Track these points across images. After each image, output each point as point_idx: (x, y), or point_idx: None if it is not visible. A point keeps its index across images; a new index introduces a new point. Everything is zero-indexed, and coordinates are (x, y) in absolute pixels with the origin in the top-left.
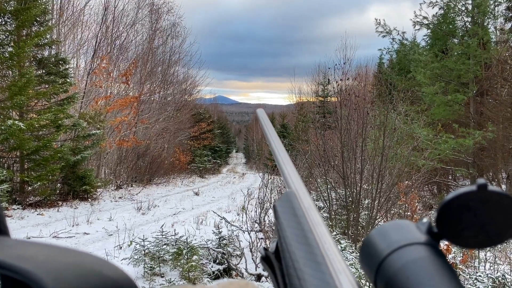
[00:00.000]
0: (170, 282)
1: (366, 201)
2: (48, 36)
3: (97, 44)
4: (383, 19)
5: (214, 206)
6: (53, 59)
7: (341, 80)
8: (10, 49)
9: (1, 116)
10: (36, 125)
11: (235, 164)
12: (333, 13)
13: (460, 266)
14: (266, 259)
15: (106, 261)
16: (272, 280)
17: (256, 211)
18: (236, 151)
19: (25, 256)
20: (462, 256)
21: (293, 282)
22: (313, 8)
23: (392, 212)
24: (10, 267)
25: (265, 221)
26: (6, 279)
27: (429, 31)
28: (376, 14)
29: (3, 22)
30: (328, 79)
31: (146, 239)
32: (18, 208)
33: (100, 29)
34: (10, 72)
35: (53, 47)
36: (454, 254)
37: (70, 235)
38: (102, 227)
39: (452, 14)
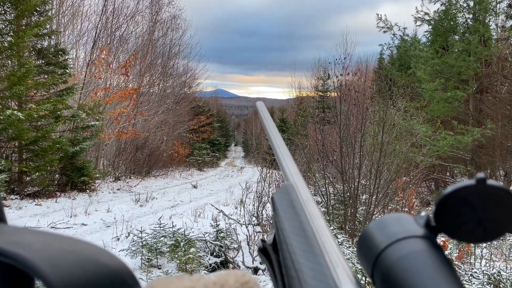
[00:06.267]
0: (167, 274)
1: (364, 197)
2: (47, 26)
3: (96, 35)
4: (384, 14)
5: (212, 199)
6: (52, 49)
7: (341, 75)
8: (9, 38)
9: (0, 106)
10: (35, 116)
11: (234, 157)
12: (344, 11)
13: (456, 263)
14: (263, 251)
15: (103, 249)
16: (269, 271)
17: (254, 205)
18: (235, 145)
19: (21, 243)
20: (458, 253)
21: (290, 273)
22: (324, 6)
23: (390, 207)
24: (6, 253)
25: (262, 215)
26: (2, 265)
27: (430, 27)
28: (387, 12)
29: (3, 11)
30: (328, 74)
31: (143, 231)
32: (16, 198)
33: (100, 20)
34: (9, 61)
35: (53, 37)
36: (450, 250)
37: (68, 226)
38: (100, 218)
39: (454, 11)
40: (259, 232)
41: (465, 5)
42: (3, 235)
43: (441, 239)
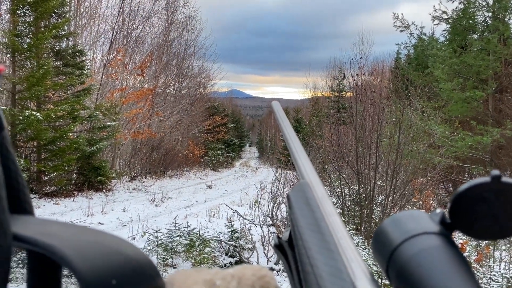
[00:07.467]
0: None
1: (380, 198)
2: (65, 28)
3: (113, 36)
4: (401, 13)
5: (226, 200)
6: (70, 51)
7: (357, 75)
8: (28, 40)
9: (19, 107)
10: (53, 116)
11: (248, 158)
12: (362, 10)
13: (474, 265)
14: (279, 247)
15: (127, 241)
16: (285, 267)
17: (268, 206)
18: (250, 145)
19: (51, 233)
20: (477, 255)
21: (306, 269)
22: (342, 6)
23: (406, 209)
24: (37, 243)
25: (277, 216)
26: (32, 254)
27: (448, 26)
28: (406, 11)
29: (22, 14)
30: (344, 74)
31: (159, 230)
32: (34, 197)
33: (116, 21)
34: (29, 63)
35: (71, 39)
36: (469, 253)
37: (85, 225)
38: (116, 217)
39: (472, 9)
40: (273, 232)
41: (484, 3)
42: (33, 226)
43: (459, 241)
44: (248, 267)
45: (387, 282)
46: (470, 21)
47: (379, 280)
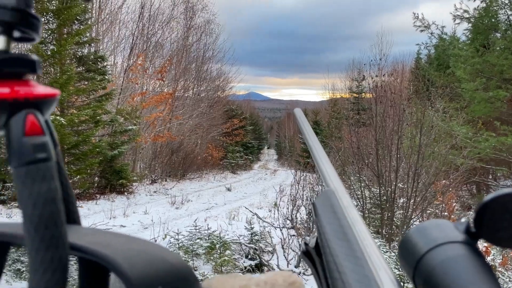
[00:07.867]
0: (204, 276)
1: (401, 200)
2: (87, 35)
3: (133, 41)
4: (421, 13)
5: (246, 202)
6: (92, 56)
7: (376, 76)
8: (52, 47)
9: None
10: (76, 121)
11: (267, 160)
12: (383, 11)
13: (500, 269)
14: (307, 254)
15: (169, 249)
16: (313, 273)
17: (288, 208)
18: (268, 148)
19: (103, 243)
20: (502, 259)
21: (334, 275)
22: (364, 6)
23: (428, 212)
24: (92, 252)
25: (297, 218)
26: (82, 260)
27: (470, 25)
28: (428, 11)
29: (46, 21)
30: (363, 76)
31: (180, 233)
32: None
33: (136, 27)
34: (52, 69)
35: (92, 45)
36: (493, 256)
37: (107, 227)
38: (138, 220)
39: (495, 7)
40: (293, 235)
41: (506, 1)
42: (85, 236)
43: (483, 245)
44: (278, 274)
45: (410, 286)
46: (493, 20)
47: (402, 283)
